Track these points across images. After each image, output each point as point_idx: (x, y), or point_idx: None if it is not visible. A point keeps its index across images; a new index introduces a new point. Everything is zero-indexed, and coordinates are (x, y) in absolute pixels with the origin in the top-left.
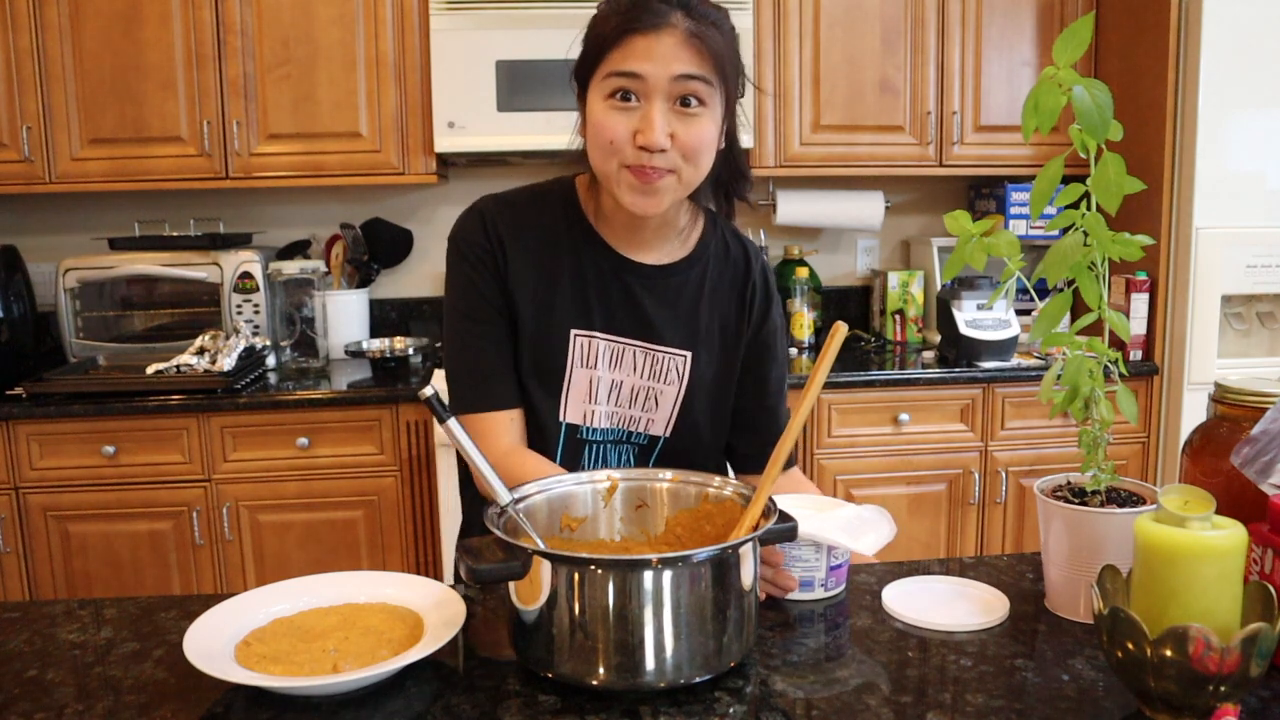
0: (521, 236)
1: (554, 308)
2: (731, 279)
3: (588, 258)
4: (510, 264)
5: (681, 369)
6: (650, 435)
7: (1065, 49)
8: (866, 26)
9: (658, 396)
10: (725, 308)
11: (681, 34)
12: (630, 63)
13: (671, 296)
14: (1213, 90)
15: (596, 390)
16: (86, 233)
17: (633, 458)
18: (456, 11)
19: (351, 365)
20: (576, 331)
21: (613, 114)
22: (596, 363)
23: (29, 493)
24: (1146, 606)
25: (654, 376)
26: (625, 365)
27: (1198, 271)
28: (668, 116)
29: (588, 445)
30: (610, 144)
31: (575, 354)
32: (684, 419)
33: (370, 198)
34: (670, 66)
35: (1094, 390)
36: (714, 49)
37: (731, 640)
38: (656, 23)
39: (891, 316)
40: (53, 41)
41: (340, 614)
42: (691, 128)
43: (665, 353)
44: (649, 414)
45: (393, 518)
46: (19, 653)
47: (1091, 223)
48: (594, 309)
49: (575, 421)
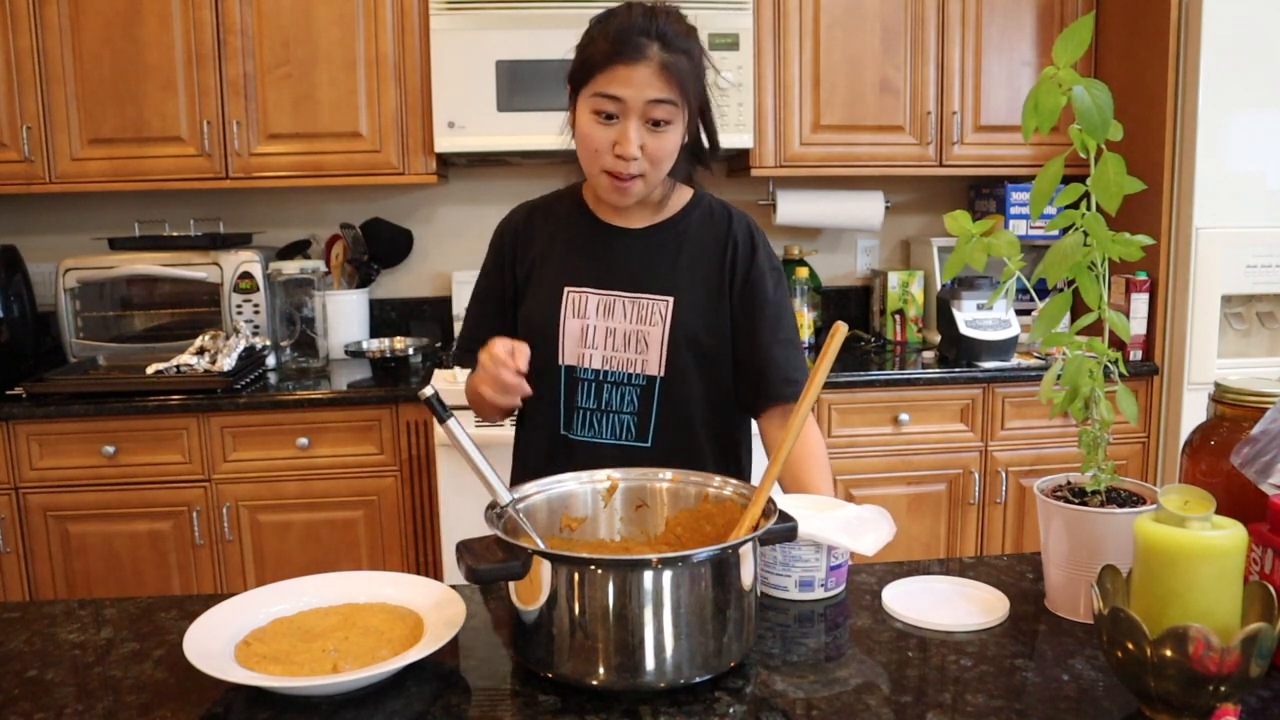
0: (534, 224)
1: (552, 271)
2: (713, 236)
3: (583, 229)
4: (522, 248)
5: (664, 312)
6: (647, 375)
7: (1065, 49)
8: (866, 26)
9: (646, 338)
10: (708, 259)
11: (656, 65)
12: (613, 87)
13: (653, 252)
14: (1213, 90)
15: (590, 336)
16: (86, 233)
17: (635, 397)
18: (456, 11)
19: (351, 365)
20: (570, 288)
21: (597, 127)
22: (587, 312)
23: (29, 493)
24: (1146, 606)
25: (640, 320)
26: (616, 314)
27: (1198, 271)
28: (640, 132)
29: (582, 384)
30: (595, 152)
31: (568, 306)
32: (673, 357)
33: (370, 198)
34: (645, 92)
35: (1094, 390)
36: (681, 77)
37: (731, 640)
38: (636, 56)
39: (891, 316)
40: (53, 41)
41: (340, 614)
42: (659, 141)
43: (648, 299)
44: (641, 355)
45: (393, 518)
46: (19, 653)
47: (1091, 223)
48: (584, 268)
49: (572, 363)
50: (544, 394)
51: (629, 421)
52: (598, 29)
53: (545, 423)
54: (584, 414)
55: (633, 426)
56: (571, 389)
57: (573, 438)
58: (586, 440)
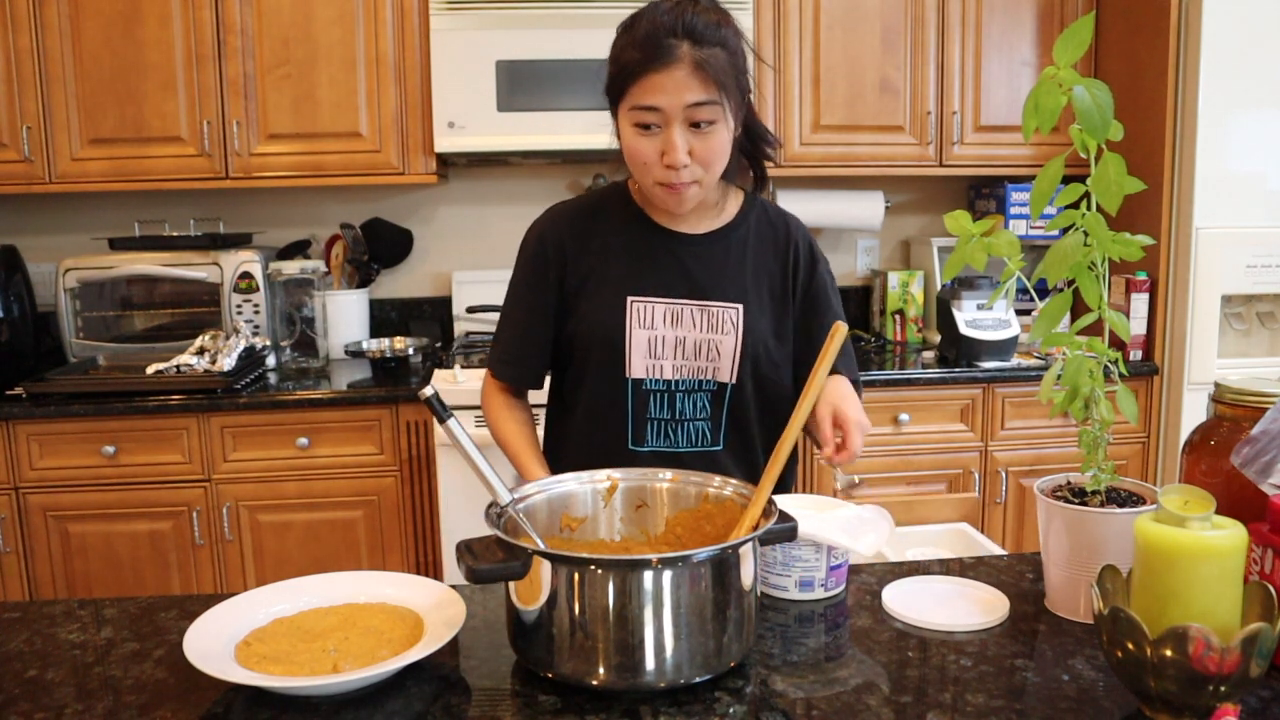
0: (580, 234)
1: (611, 281)
2: (774, 242)
3: (640, 236)
4: (570, 261)
5: (735, 320)
6: (719, 382)
7: (1065, 49)
8: (866, 26)
9: (718, 346)
10: (771, 266)
11: (689, 66)
12: (648, 97)
13: (718, 259)
14: (1213, 90)
15: (659, 347)
16: (86, 233)
17: (707, 403)
18: (456, 11)
19: (351, 365)
20: (633, 299)
21: (641, 140)
22: (655, 323)
23: (29, 493)
24: (1146, 606)
25: (711, 329)
26: (685, 323)
27: (1198, 271)
28: (685, 137)
29: (653, 395)
30: (644, 165)
31: (633, 318)
32: (746, 365)
33: (370, 198)
34: (682, 96)
35: (1094, 390)
36: (718, 73)
37: (731, 640)
38: (667, 60)
39: (891, 316)
40: (53, 41)
41: (340, 614)
42: (706, 143)
43: (718, 307)
44: (713, 363)
45: (393, 518)
46: (19, 653)
47: (1091, 223)
48: (647, 277)
49: (639, 376)
50: (604, 409)
51: (704, 428)
52: (625, 36)
53: (608, 439)
54: (658, 425)
55: (707, 432)
56: (641, 401)
57: (643, 451)
58: (662, 450)
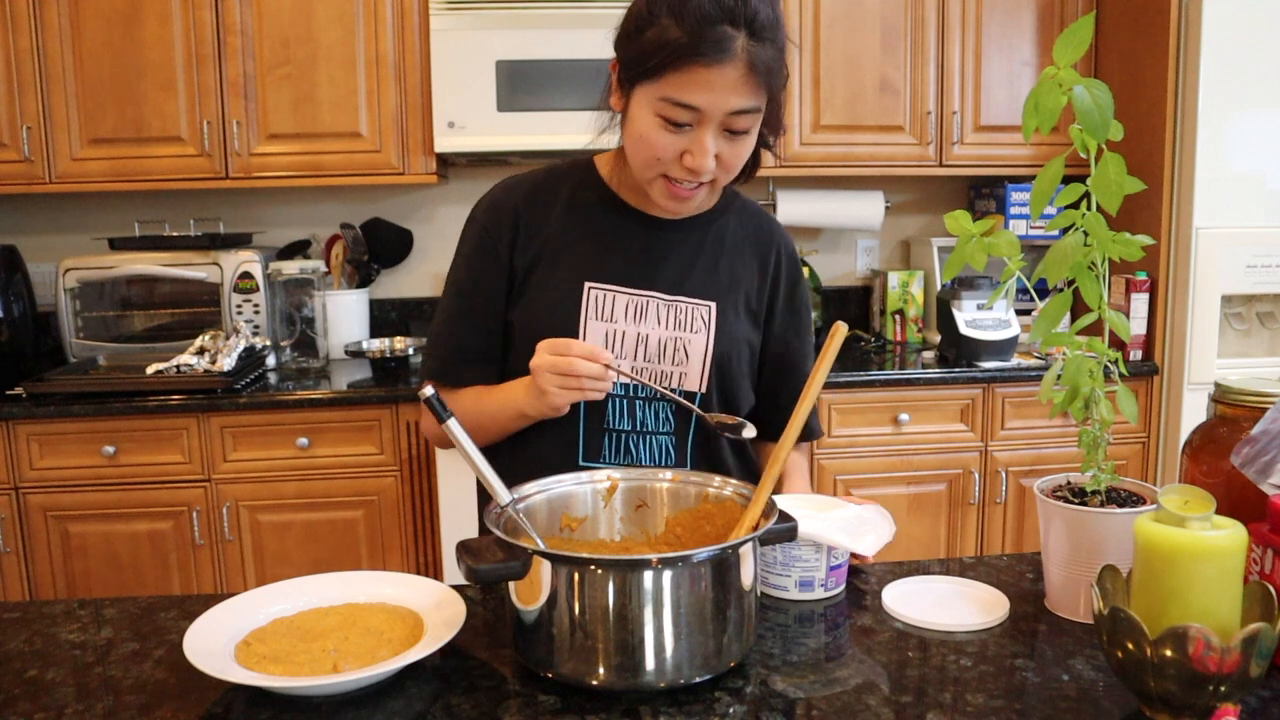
0: (539, 204)
1: (566, 264)
2: (754, 242)
3: (607, 216)
4: (524, 233)
5: (707, 318)
6: (686, 391)
7: (1065, 49)
8: (866, 26)
9: (686, 347)
10: (748, 268)
11: (744, 66)
12: (688, 94)
13: (693, 250)
14: (1213, 90)
15: (618, 344)
16: (86, 233)
17: (671, 414)
18: (456, 11)
19: (351, 365)
20: (591, 284)
21: (663, 134)
22: (614, 315)
23: (29, 493)
24: (1146, 606)
25: (679, 327)
26: (649, 318)
27: (1198, 271)
28: (716, 141)
29: (610, 401)
30: (656, 160)
31: (589, 307)
32: (719, 372)
33: (370, 198)
34: (728, 101)
35: (1094, 390)
36: (770, 77)
37: (731, 640)
38: (721, 56)
39: (891, 316)
40: (53, 41)
41: (340, 614)
42: (735, 149)
43: (688, 303)
44: (679, 367)
45: (393, 518)
46: (19, 653)
47: (1091, 223)
48: (610, 262)
49: None
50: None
51: (667, 443)
52: (665, 5)
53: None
54: (616, 437)
55: (671, 449)
56: (596, 408)
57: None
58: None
